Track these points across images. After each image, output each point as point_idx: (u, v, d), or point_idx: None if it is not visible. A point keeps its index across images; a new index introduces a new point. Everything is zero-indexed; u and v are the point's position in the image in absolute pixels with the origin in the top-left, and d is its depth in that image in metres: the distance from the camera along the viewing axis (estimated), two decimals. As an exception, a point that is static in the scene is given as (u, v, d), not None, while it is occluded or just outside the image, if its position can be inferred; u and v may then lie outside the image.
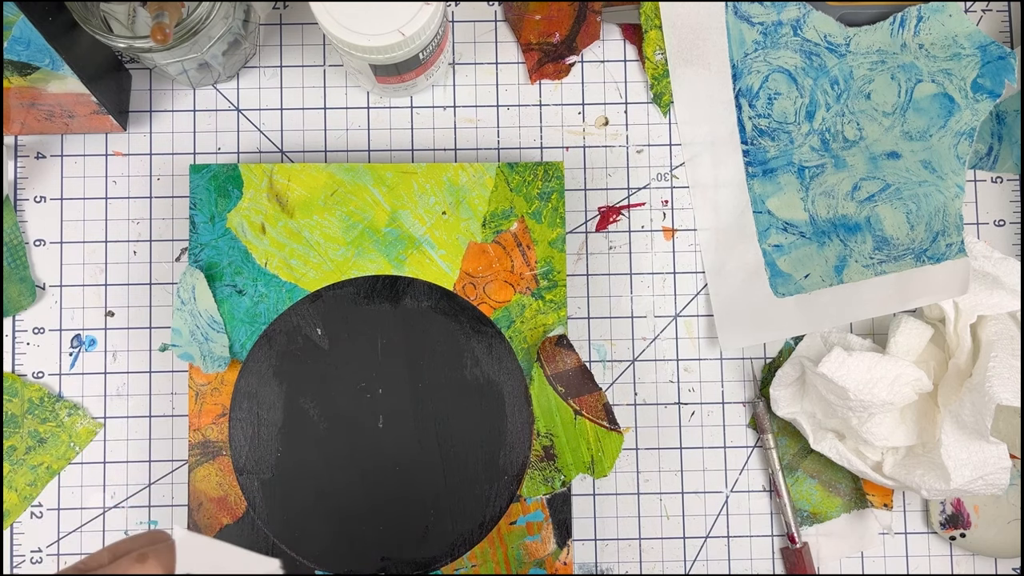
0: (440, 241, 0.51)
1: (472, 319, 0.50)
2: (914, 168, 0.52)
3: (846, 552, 0.53)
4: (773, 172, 0.54)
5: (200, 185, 0.51)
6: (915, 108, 0.53)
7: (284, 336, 0.49)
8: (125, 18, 0.48)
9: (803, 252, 0.53)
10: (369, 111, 0.55)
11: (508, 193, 0.51)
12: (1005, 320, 0.50)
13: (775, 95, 0.54)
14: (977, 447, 0.48)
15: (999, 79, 0.51)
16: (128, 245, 0.53)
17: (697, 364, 0.54)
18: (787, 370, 0.52)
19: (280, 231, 0.51)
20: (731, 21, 0.54)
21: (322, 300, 0.50)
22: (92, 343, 0.53)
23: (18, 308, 0.53)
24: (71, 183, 0.54)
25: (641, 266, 0.54)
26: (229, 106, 0.54)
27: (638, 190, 0.55)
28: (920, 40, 0.53)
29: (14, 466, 0.52)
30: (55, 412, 0.52)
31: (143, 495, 0.52)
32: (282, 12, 0.55)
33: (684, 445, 0.54)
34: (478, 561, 0.50)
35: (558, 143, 0.55)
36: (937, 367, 0.51)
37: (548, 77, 0.55)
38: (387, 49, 0.45)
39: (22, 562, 0.52)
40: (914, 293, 0.51)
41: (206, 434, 0.50)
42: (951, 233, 0.51)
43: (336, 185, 0.51)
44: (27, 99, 0.49)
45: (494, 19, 0.55)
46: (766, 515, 0.54)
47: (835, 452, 0.51)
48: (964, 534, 0.52)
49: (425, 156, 0.54)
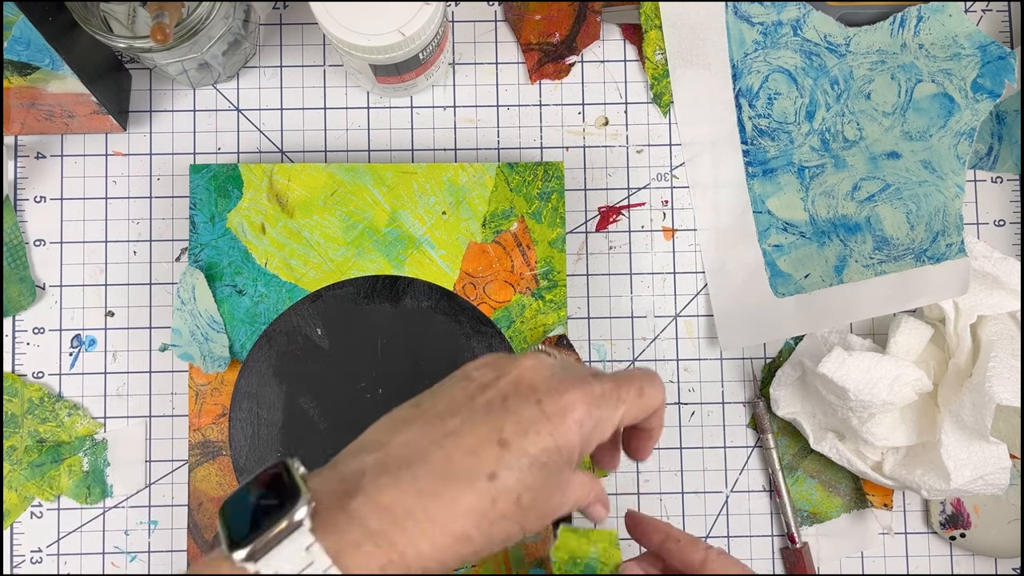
0: (440, 241, 0.51)
1: (472, 319, 0.50)
2: (914, 168, 0.52)
3: (846, 552, 0.53)
4: (773, 172, 0.54)
5: (200, 185, 0.51)
6: (915, 108, 0.53)
7: (284, 336, 0.49)
8: (125, 18, 0.48)
9: (803, 252, 0.53)
10: (369, 111, 0.55)
11: (508, 193, 0.51)
12: (1005, 320, 0.50)
13: (775, 95, 0.54)
14: (977, 447, 0.48)
15: (999, 79, 0.51)
16: (128, 245, 0.53)
17: (697, 364, 0.54)
18: (787, 370, 0.52)
19: (280, 231, 0.51)
20: (731, 21, 0.54)
21: (322, 300, 0.50)
22: (92, 343, 0.53)
23: (18, 308, 0.53)
24: (71, 183, 0.54)
25: (641, 266, 0.54)
26: (229, 106, 0.54)
27: (638, 190, 0.55)
28: (920, 40, 0.53)
29: (14, 466, 0.52)
30: (55, 412, 0.52)
31: (143, 495, 0.52)
32: (282, 12, 0.55)
33: (684, 445, 0.54)
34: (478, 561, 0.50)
35: (558, 143, 0.55)
36: (937, 367, 0.51)
37: (548, 77, 0.55)
38: (387, 49, 0.45)
39: (22, 562, 0.52)
40: (914, 293, 0.51)
41: (206, 434, 0.50)
42: (951, 233, 0.51)
43: (336, 185, 0.51)
44: (27, 99, 0.49)
45: (494, 19, 0.55)
46: (766, 515, 0.54)
47: (835, 452, 0.51)
48: (964, 534, 0.52)
49: (425, 156, 0.54)
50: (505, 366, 0.35)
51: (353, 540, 0.29)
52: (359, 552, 0.29)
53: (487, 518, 0.31)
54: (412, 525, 0.29)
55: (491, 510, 0.31)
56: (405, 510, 0.29)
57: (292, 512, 0.29)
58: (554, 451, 0.32)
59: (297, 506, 0.29)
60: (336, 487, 0.30)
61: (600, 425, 0.34)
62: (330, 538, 0.29)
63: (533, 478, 0.32)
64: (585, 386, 0.34)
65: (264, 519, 0.29)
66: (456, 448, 0.31)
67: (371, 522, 0.29)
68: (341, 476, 0.31)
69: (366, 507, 0.29)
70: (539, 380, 0.33)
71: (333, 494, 0.30)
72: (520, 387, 0.33)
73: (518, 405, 0.32)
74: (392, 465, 0.30)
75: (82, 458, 0.52)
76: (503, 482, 0.31)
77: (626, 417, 0.35)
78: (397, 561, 0.29)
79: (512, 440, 0.31)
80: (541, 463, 0.32)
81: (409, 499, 0.30)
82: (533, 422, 0.32)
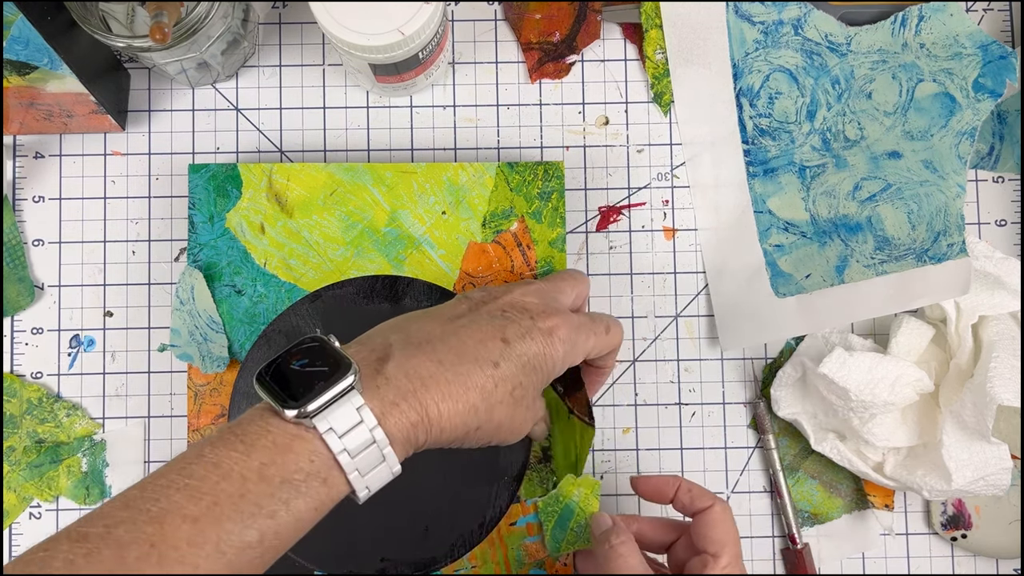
0: (440, 241, 0.51)
1: (472, 319, 0.50)
2: (915, 168, 0.52)
3: (847, 553, 0.53)
4: (774, 172, 0.54)
5: (199, 185, 0.51)
6: (916, 108, 0.53)
7: (283, 336, 0.49)
8: (124, 17, 0.48)
9: (804, 252, 0.53)
10: (369, 111, 0.54)
11: (508, 193, 0.51)
12: (1006, 320, 0.50)
13: (776, 94, 0.54)
14: (978, 448, 0.48)
15: (1000, 79, 0.51)
16: (127, 245, 0.53)
17: (698, 364, 0.54)
18: (788, 370, 0.52)
19: (279, 231, 0.51)
20: (732, 20, 0.54)
21: (321, 300, 0.49)
22: (91, 343, 0.53)
23: (17, 308, 0.52)
24: (70, 183, 0.54)
25: (641, 266, 0.54)
26: (228, 105, 0.54)
27: (638, 190, 0.55)
28: (921, 39, 0.53)
29: (12, 467, 0.51)
30: (54, 413, 0.52)
31: (142, 496, 0.52)
32: (281, 11, 0.55)
33: (685, 446, 0.54)
34: (478, 562, 0.50)
35: (558, 143, 0.54)
36: (938, 367, 0.51)
37: (548, 76, 0.55)
38: (387, 48, 0.45)
39: (21, 563, 0.52)
40: (915, 293, 0.51)
41: (205, 435, 0.50)
42: (952, 233, 0.51)
43: (335, 185, 0.51)
44: (26, 98, 0.49)
45: (494, 18, 0.55)
46: (767, 516, 0.54)
47: (836, 453, 0.51)
48: (965, 535, 0.52)
49: (425, 156, 0.54)
50: (497, 291, 0.42)
51: (391, 400, 0.34)
52: (396, 410, 0.34)
53: (490, 398, 0.37)
54: (435, 387, 0.35)
55: (493, 391, 0.37)
56: (430, 374, 0.35)
57: (344, 377, 0.33)
58: (543, 357, 0.39)
59: (349, 373, 0.34)
60: (368, 356, 0.36)
61: (575, 348, 0.41)
62: (373, 399, 0.34)
63: (525, 376, 0.38)
64: (566, 314, 0.41)
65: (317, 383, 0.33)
66: (468, 336, 0.37)
67: (403, 383, 0.34)
68: (371, 347, 0.36)
69: (398, 370, 0.35)
70: (530, 304, 0.41)
71: (367, 362, 0.35)
72: (515, 305, 0.40)
73: (516, 316, 0.40)
74: (415, 341, 0.36)
75: (81, 459, 0.52)
76: (503, 371, 0.37)
77: (593, 349, 0.43)
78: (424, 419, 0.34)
79: (512, 340, 0.38)
80: (533, 365, 0.39)
81: (432, 366, 0.35)
82: (529, 330, 0.39)
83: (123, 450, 0.52)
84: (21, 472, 0.51)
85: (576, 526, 0.45)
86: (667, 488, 0.45)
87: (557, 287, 0.44)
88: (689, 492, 0.44)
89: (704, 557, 0.42)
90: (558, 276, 0.46)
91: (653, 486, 0.45)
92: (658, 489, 0.45)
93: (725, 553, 0.42)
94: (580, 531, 0.45)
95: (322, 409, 0.33)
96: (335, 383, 0.33)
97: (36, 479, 0.51)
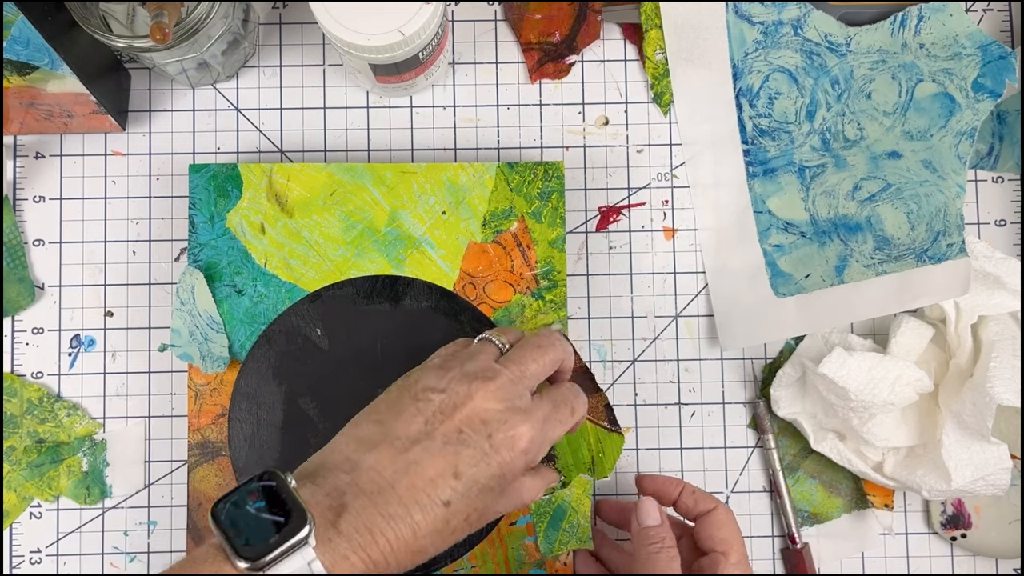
0: (440, 241, 0.51)
1: (472, 319, 0.50)
2: (915, 168, 0.52)
3: (847, 553, 0.53)
4: (774, 172, 0.54)
5: (199, 185, 0.51)
6: (916, 108, 0.53)
7: (283, 336, 0.49)
8: (124, 18, 0.48)
9: (804, 252, 0.53)
10: (369, 111, 0.54)
11: (508, 193, 0.51)
12: (1006, 320, 0.50)
13: (776, 95, 0.54)
14: (978, 447, 0.48)
15: (1000, 79, 0.51)
16: (127, 245, 0.53)
17: (698, 364, 0.54)
18: (788, 370, 0.52)
19: (279, 231, 0.51)
20: (732, 21, 0.54)
21: (321, 300, 0.49)
22: (91, 343, 0.53)
23: (17, 308, 0.52)
24: (70, 183, 0.54)
25: (641, 266, 0.54)
26: (228, 106, 0.54)
27: (638, 190, 0.55)
28: (921, 40, 0.53)
29: (13, 466, 0.51)
30: (54, 412, 0.52)
31: (143, 495, 0.52)
32: (281, 11, 0.55)
33: (685, 445, 0.54)
34: (478, 562, 0.50)
35: (558, 143, 0.55)
36: (938, 367, 0.51)
37: (548, 77, 0.55)
38: (387, 49, 0.45)
39: (21, 562, 0.52)
40: (915, 293, 0.51)
41: (205, 434, 0.50)
42: (952, 233, 0.51)
43: (336, 185, 0.51)
44: (26, 98, 0.49)
45: (494, 19, 0.55)
46: (767, 516, 0.54)
47: (836, 452, 0.51)
48: (965, 535, 0.52)
49: (425, 156, 0.54)
50: (458, 394, 0.39)
51: (342, 553, 0.35)
52: (346, 563, 0.35)
53: (441, 535, 0.37)
54: (384, 542, 0.35)
55: (444, 528, 0.37)
56: (380, 529, 0.35)
57: (299, 530, 0.34)
58: (500, 478, 0.38)
59: (304, 525, 0.34)
60: (323, 501, 0.36)
61: (541, 447, 0.40)
62: (325, 552, 0.34)
63: (481, 501, 0.38)
64: (528, 414, 0.39)
65: (270, 534, 0.34)
66: (419, 476, 0.37)
67: (355, 538, 0.35)
68: (325, 492, 0.36)
69: (351, 526, 0.35)
70: (490, 415, 0.39)
71: (321, 510, 0.35)
72: (473, 422, 0.38)
73: (472, 439, 0.38)
74: (366, 489, 0.36)
75: (81, 458, 0.52)
76: (455, 507, 0.37)
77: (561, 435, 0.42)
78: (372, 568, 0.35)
79: (464, 472, 0.37)
80: (488, 488, 0.38)
81: (382, 521, 0.35)
82: (484, 455, 0.38)
83: (123, 450, 0.52)
84: (21, 472, 0.51)
85: (569, 526, 0.46)
86: (671, 489, 0.47)
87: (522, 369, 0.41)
88: (693, 495, 0.46)
89: (715, 556, 0.44)
90: (529, 343, 0.42)
91: (658, 486, 0.47)
92: (662, 489, 0.47)
93: (734, 551, 0.44)
94: (573, 531, 0.46)
95: (274, 562, 0.33)
96: (290, 535, 0.34)
97: (36, 479, 0.52)
